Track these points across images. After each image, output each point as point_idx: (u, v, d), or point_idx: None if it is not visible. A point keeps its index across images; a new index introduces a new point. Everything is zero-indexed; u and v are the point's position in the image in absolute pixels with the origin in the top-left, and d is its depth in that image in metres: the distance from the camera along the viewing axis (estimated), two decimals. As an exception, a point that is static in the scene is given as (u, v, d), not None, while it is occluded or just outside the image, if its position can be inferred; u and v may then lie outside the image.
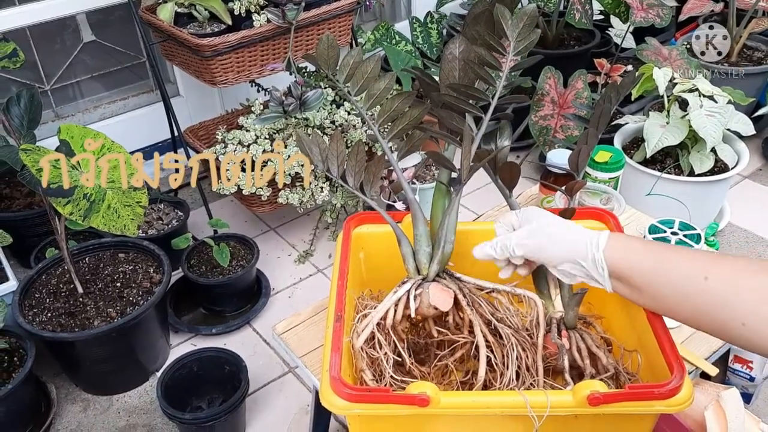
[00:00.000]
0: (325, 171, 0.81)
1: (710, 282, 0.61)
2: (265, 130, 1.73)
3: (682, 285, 0.63)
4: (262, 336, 1.68)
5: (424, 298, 0.78)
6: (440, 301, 0.77)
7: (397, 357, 0.77)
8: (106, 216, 1.17)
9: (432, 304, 0.77)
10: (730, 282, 0.61)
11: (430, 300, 0.77)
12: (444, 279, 0.80)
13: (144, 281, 1.54)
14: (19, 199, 1.83)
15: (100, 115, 2.12)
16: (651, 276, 0.65)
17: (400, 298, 0.78)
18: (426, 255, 0.80)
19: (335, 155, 0.81)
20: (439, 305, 0.77)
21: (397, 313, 0.78)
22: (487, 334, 0.77)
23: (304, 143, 0.81)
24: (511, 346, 0.76)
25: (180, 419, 1.31)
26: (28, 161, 1.13)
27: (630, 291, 0.68)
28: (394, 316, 0.78)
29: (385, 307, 0.77)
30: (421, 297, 0.78)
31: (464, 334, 0.79)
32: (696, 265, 0.63)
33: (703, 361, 0.94)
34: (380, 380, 0.75)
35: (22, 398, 1.38)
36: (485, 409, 0.72)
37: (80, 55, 2.06)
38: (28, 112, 1.48)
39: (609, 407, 0.70)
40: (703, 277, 0.62)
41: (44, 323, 1.43)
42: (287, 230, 2.03)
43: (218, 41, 1.57)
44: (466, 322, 0.79)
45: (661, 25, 2.01)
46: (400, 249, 0.82)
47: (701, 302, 0.62)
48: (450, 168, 0.80)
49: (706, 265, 0.63)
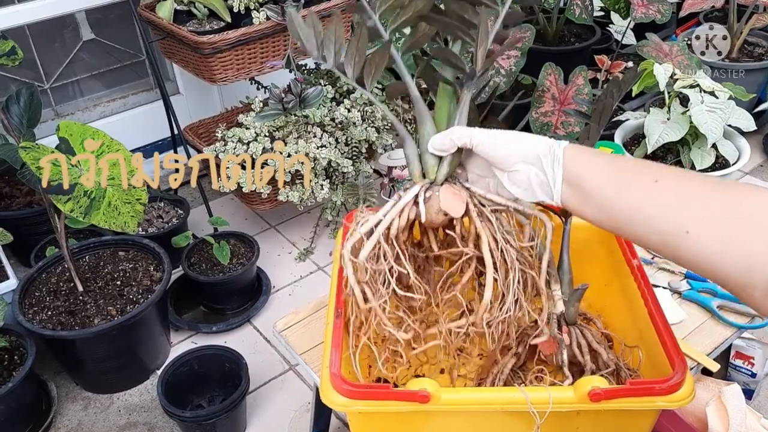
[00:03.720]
0: (319, 58, 0.70)
1: (660, 184, 0.59)
2: (264, 127, 1.73)
3: (632, 188, 0.60)
4: (263, 334, 1.68)
5: (433, 203, 0.69)
6: (452, 206, 0.69)
7: (403, 269, 0.69)
8: (106, 213, 1.17)
9: (443, 209, 0.69)
10: (679, 186, 0.59)
11: (441, 204, 0.69)
12: (455, 184, 0.72)
13: (144, 279, 1.54)
14: (19, 198, 1.83)
15: (99, 113, 2.12)
16: (602, 177, 0.62)
17: (407, 203, 0.70)
18: (434, 156, 0.71)
19: (332, 40, 0.69)
20: (451, 210, 0.69)
21: (401, 220, 0.70)
22: (494, 251, 0.69)
23: (295, 25, 0.69)
24: (514, 271, 0.70)
25: (181, 417, 1.31)
26: (27, 159, 1.13)
27: (579, 200, 0.64)
28: (399, 224, 0.69)
29: (391, 215, 0.70)
30: (430, 201, 0.70)
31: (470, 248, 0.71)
32: (648, 169, 0.61)
33: (705, 357, 0.94)
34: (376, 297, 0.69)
35: (23, 397, 1.38)
36: (486, 405, 0.72)
37: (80, 53, 2.06)
38: (28, 110, 1.48)
39: (610, 403, 0.70)
40: (653, 180, 0.59)
41: (44, 322, 1.42)
42: (287, 228, 2.03)
43: (218, 39, 1.57)
44: (472, 236, 0.71)
45: (662, 21, 2.01)
46: (405, 151, 0.74)
47: (650, 208, 0.59)
48: (458, 65, 0.71)
49: (657, 170, 0.61)
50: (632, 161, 0.64)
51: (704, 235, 0.56)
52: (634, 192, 0.60)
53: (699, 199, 0.57)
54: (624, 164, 0.63)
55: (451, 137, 0.68)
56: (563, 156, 0.64)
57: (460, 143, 0.68)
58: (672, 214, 0.58)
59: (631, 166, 0.63)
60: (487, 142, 0.67)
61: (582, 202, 0.64)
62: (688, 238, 0.56)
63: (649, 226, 0.59)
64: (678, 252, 0.58)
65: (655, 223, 0.59)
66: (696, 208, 0.57)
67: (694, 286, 1.04)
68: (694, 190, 0.58)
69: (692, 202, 0.57)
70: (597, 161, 0.63)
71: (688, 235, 0.56)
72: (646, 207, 0.59)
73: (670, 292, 1.04)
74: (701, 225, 0.56)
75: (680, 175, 0.60)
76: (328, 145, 1.70)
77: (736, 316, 1.00)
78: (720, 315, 0.99)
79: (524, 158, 0.66)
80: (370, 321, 0.71)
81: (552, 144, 0.65)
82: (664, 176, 0.60)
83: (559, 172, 0.64)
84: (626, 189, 0.61)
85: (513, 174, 0.67)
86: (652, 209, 0.59)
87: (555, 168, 0.64)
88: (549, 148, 0.65)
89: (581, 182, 0.63)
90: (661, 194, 0.59)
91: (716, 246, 0.55)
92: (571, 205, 0.65)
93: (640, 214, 0.60)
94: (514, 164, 0.66)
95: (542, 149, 0.65)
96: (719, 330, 0.98)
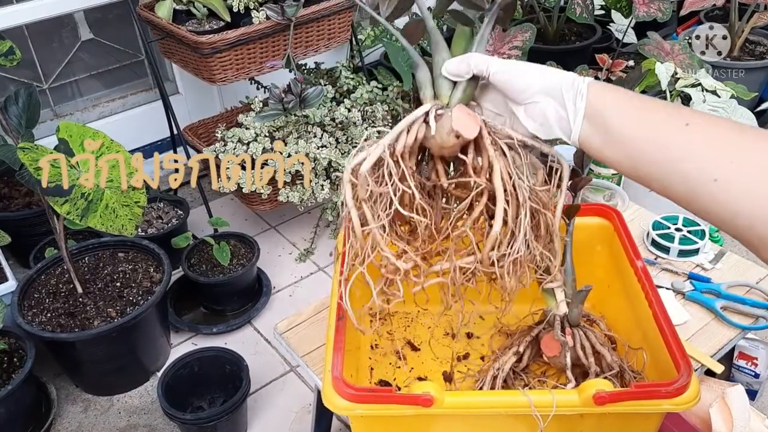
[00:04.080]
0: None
1: (691, 128, 0.56)
2: (264, 127, 1.72)
3: (661, 129, 0.57)
4: (263, 335, 1.67)
5: (445, 122, 0.65)
6: (465, 125, 0.64)
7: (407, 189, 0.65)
8: (104, 216, 1.16)
9: (455, 129, 0.64)
10: (712, 131, 0.56)
11: (453, 123, 0.64)
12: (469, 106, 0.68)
13: (144, 281, 1.53)
14: (18, 199, 1.82)
15: (98, 113, 2.11)
16: (629, 116, 0.59)
17: (417, 118, 0.66)
18: (448, 82, 0.67)
19: None
20: (463, 130, 0.64)
21: (408, 137, 0.65)
22: (507, 183, 0.65)
23: None
24: (526, 208, 0.66)
25: (181, 419, 1.30)
26: (26, 160, 1.12)
27: (600, 139, 0.60)
28: (406, 141, 0.65)
29: (398, 128, 0.65)
30: (442, 120, 0.65)
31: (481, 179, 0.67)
32: (679, 111, 0.58)
33: (709, 359, 0.93)
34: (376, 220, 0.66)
35: (22, 399, 1.37)
36: (490, 409, 0.71)
37: (78, 53, 2.05)
38: (27, 111, 1.47)
39: (615, 406, 0.69)
40: (684, 123, 0.56)
41: (44, 323, 1.42)
42: (288, 228, 2.02)
43: (217, 39, 1.56)
44: (484, 170, 0.67)
45: (663, 19, 2.00)
46: (417, 76, 0.69)
47: (678, 151, 0.57)
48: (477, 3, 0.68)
49: (689, 114, 0.58)
50: (662, 103, 0.59)
51: (733, 182, 0.53)
52: (663, 133, 0.57)
53: (731, 146, 0.54)
54: (653, 105, 0.59)
55: (468, 61, 0.65)
56: (587, 91, 0.61)
57: (476, 69, 0.65)
58: (701, 160, 0.55)
59: (661, 107, 0.59)
60: (506, 71, 0.64)
61: (603, 141, 0.60)
62: (715, 185, 0.53)
63: (675, 171, 0.56)
64: (701, 200, 0.55)
65: (681, 168, 0.56)
66: (727, 155, 0.54)
67: (697, 287, 1.03)
68: (726, 136, 0.55)
69: (724, 148, 0.54)
70: (624, 99, 0.60)
71: (715, 183, 0.53)
72: (674, 150, 0.56)
73: (673, 293, 1.03)
74: (731, 172, 0.53)
75: (713, 120, 0.57)
76: (328, 145, 1.70)
77: (740, 317, 0.99)
78: (724, 316, 0.98)
79: (544, 89, 0.63)
80: (366, 250, 0.66)
81: (575, 77, 0.62)
82: (696, 120, 0.56)
83: (581, 107, 0.61)
84: (654, 129, 0.57)
85: (530, 107, 0.64)
86: (681, 153, 0.56)
87: (577, 102, 0.61)
88: (572, 82, 0.62)
89: (605, 119, 0.60)
90: (691, 138, 0.56)
91: (743, 195, 0.52)
92: (589, 145, 0.62)
93: (667, 157, 0.56)
94: (533, 95, 0.63)
95: (565, 82, 0.62)
96: (723, 331, 0.98)
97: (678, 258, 1.10)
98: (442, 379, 0.90)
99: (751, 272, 1.07)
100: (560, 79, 0.62)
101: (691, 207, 0.57)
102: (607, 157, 0.61)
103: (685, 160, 0.55)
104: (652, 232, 1.12)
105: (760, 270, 1.08)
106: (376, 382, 0.90)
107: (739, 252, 1.14)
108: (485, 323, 0.97)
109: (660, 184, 0.58)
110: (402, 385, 0.90)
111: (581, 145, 0.62)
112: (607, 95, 0.61)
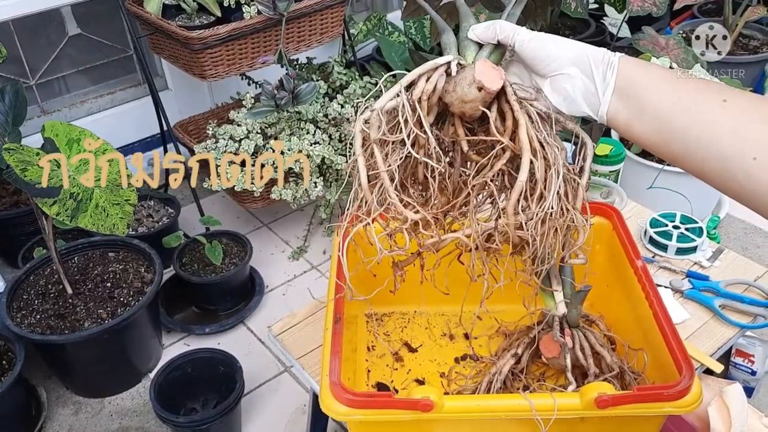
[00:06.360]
0: None
1: (729, 104, 0.54)
2: (257, 124, 1.70)
3: (697, 105, 0.55)
4: (257, 335, 1.65)
5: (467, 74, 0.62)
6: (488, 77, 0.61)
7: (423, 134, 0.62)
8: (94, 215, 1.14)
9: (477, 78, 0.61)
10: (751, 107, 0.54)
11: (476, 74, 0.61)
12: None
13: (135, 281, 1.51)
14: (5, 198, 1.79)
15: (87, 110, 2.08)
16: (663, 90, 0.57)
17: (438, 65, 0.63)
18: (474, 45, 0.65)
19: None
20: (486, 82, 0.61)
21: (428, 84, 0.62)
22: (533, 139, 0.62)
23: None
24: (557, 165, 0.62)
25: (174, 422, 1.29)
26: (12, 161, 1.10)
27: (630, 114, 0.58)
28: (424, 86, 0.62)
29: (418, 71, 0.63)
30: (464, 72, 0.62)
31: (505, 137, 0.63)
32: (716, 87, 0.56)
33: (708, 358, 0.93)
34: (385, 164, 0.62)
35: (12, 402, 1.35)
36: (490, 414, 0.70)
37: (66, 48, 2.01)
38: (13, 108, 1.44)
39: (617, 409, 0.68)
40: (721, 99, 0.54)
41: (33, 325, 1.39)
42: (280, 226, 2.00)
43: (208, 34, 1.54)
44: (509, 128, 0.63)
45: (658, 14, 1.98)
46: (442, 40, 0.67)
47: (715, 128, 0.54)
48: None
49: (726, 90, 0.56)
50: (695, 78, 0.57)
51: None
52: (699, 109, 0.55)
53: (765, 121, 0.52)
54: (688, 80, 0.58)
55: (495, 27, 0.64)
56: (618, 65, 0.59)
57: (502, 35, 0.63)
58: (738, 138, 0.53)
59: (695, 82, 0.57)
60: (535, 39, 0.62)
61: (634, 116, 0.59)
62: (753, 164, 0.52)
63: (710, 149, 0.54)
64: (737, 180, 0.53)
65: (717, 146, 0.54)
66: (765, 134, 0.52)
67: (695, 285, 1.03)
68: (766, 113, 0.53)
69: (763, 125, 0.52)
70: (658, 73, 0.58)
71: (754, 162, 0.52)
72: (710, 126, 0.54)
73: (671, 292, 1.03)
74: None
75: (751, 97, 0.55)
76: (321, 142, 1.68)
77: (739, 316, 0.98)
78: (723, 315, 0.98)
79: (573, 60, 0.61)
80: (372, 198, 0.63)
81: (606, 51, 0.60)
82: (734, 96, 0.55)
83: (612, 80, 0.59)
84: (690, 105, 0.55)
85: (556, 80, 0.62)
86: (718, 130, 0.54)
87: (608, 76, 0.59)
88: (603, 55, 0.60)
89: (638, 94, 0.58)
90: (729, 114, 0.54)
91: None
92: (617, 120, 0.60)
93: (703, 134, 0.54)
94: (561, 67, 0.61)
95: (596, 54, 0.60)
96: (722, 330, 0.97)
97: (676, 256, 1.09)
98: (440, 381, 0.89)
99: (749, 269, 1.06)
100: (590, 52, 0.61)
101: (725, 185, 0.55)
102: (635, 133, 0.60)
103: (722, 138, 0.54)
104: (650, 230, 1.11)
105: (757, 267, 1.07)
106: (373, 384, 0.89)
107: (737, 249, 1.14)
108: (483, 324, 0.96)
109: (692, 163, 0.57)
110: (400, 387, 0.89)
111: (608, 120, 0.61)
112: (640, 70, 0.59)
